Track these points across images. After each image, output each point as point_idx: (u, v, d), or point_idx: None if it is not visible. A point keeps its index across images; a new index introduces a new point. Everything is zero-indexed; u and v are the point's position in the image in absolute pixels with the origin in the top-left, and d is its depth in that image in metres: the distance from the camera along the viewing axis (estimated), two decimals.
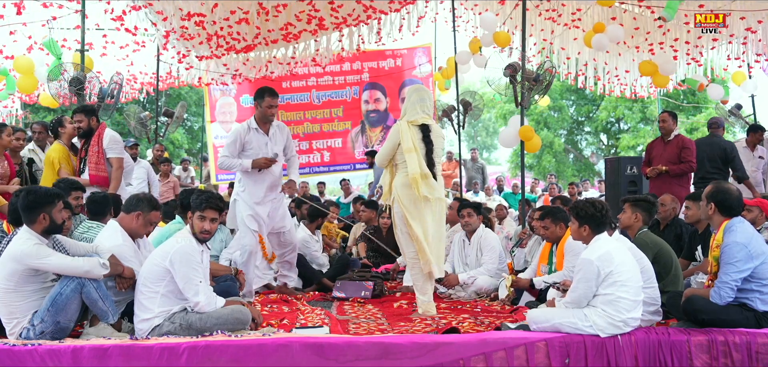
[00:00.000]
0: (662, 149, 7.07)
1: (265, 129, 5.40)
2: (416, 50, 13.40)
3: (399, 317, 4.75)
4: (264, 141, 5.38)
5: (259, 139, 5.37)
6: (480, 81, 20.14)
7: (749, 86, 10.08)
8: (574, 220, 3.77)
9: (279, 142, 5.51)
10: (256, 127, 5.37)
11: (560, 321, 3.56)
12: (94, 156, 5.76)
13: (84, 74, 7.59)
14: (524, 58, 7.29)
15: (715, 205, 3.80)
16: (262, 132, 5.39)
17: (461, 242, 6.03)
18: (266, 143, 5.38)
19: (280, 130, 5.56)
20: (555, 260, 4.96)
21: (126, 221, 4.11)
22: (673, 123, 7.09)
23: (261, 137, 5.38)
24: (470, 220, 5.88)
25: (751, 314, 3.63)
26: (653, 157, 7.12)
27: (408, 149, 4.68)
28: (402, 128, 4.80)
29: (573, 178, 20.86)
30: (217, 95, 13.60)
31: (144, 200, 4.16)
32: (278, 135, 5.51)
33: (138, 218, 4.10)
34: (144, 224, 4.14)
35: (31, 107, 13.50)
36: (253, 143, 5.34)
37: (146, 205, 4.13)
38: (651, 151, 7.24)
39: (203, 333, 3.67)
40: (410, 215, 4.69)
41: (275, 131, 5.47)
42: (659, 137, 7.27)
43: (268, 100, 5.30)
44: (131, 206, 4.13)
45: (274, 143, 5.43)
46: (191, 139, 23.33)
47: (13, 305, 3.62)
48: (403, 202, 4.70)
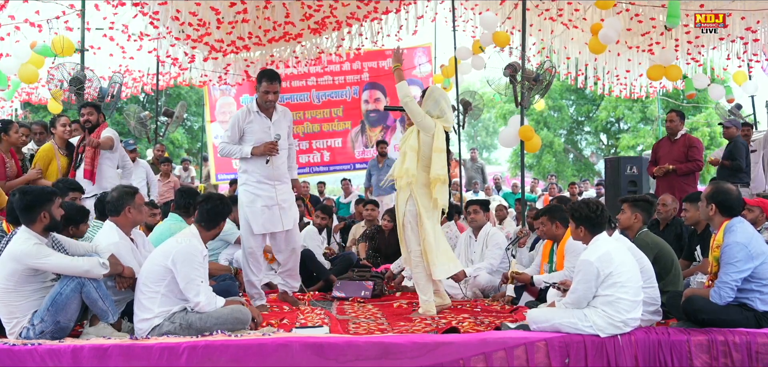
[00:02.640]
0: (669, 148, 7.06)
1: (267, 113, 4.96)
2: (416, 50, 13.40)
3: (399, 317, 4.75)
4: (266, 125, 4.92)
5: (261, 122, 4.92)
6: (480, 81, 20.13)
7: (749, 86, 10.09)
8: (571, 221, 3.80)
9: (282, 127, 5.04)
10: (257, 110, 4.93)
11: (560, 321, 3.56)
12: (90, 152, 5.86)
13: (84, 74, 7.60)
14: (524, 58, 7.29)
15: (715, 206, 3.80)
16: (264, 115, 4.94)
17: (468, 238, 6.07)
18: (269, 127, 4.92)
19: (284, 116, 5.10)
20: (555, 260, 4.96)
21: (120, 221, 4.10)
22: (680, 123, 7.10)
23: (263, 120, 4.93)
24: (476, 217, 5.90)
25: (751, 314, 3.63)
26: (660, 157, 7.11)
27: (439, 149, 4.63)
28: (438, 127, 4.68)
29: (573, 178, 20.85)
30: (217, 95, 13.60)
31: (122, 194, 4.12)
32: (282, 121, 5.06)
33: (129, 212, 4.08)
34: (138, 211, 4.12)
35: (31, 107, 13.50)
36: (254, 127, 4.90)
37: (127, 196, 4.10)
38: (657, 151, 7.24)
39: (203, 333, 3.67)
40: (426, 213, 4.70)
41: (279, 116, 5.02)
42: (666, 137, 7.26)
43: (264, 85, 4.85)
44: (117, 207, 4.09)
45: (278, 128, 4.97)
46: (191, 139, 23.33)
47: (13, 304, 3.62)
48: (421, 201, 4.70)
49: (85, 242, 4.16)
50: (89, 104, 6.18)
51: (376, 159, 10.20)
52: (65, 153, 6.05)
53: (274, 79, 4.88)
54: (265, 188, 4.92)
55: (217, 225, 4.03)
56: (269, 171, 4.91)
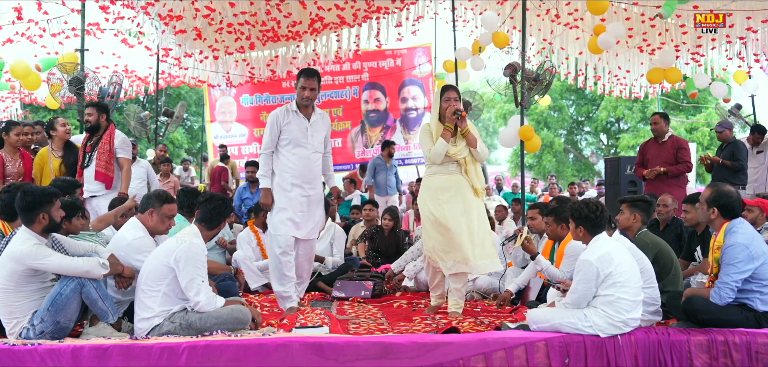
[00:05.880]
0: (658, 151, 7.04)
1: (306, 113, 4.82)
2: (416, 50, 13.41)
3: (399, 316, 4.75)
4: (304, 126, 4.79)
5: (299, 123, 4.79)
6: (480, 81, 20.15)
7: (749, 86, 10.09)
8: (571, 221, 3.80)
9: (320, 131, 4.91)
10: (296, 109, 4.80)
11: (560, 321, 3.56)
12: (105, 155, 5.87)
13: (84, 74, 7.60)
14: (524, 58, 7.29)
15: (717, 209, 3.80)
16: (303, 116, 4.81)
17: None
18: (306, 129, 4.79)
19: (322, 119, 4.95)
20: (556, 259, 4.96)
21: (143, 220, 4.13)
22: (665, 125, 7.10)
23: (301, 121, 4.79)
24: None
25: (751, 314, 3.63)
26: (648, 159, 7.09)
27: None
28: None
29: (573, 178, 20.87)
30: (217, 95, 13.61)
31: (153, 196, 4.16)
32: (320, 124, 4.92)
33: (151, 215, 4.10)
34: (160, 220, 4.11)
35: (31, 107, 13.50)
36: (292, 127, 4.76)
37: (155, 200, 4.12)
38: (645, 153, 7.20)
39: (203, 333, 3.67)
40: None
41: (317, 119, 4.90)
42: (652, 138, 7.25)
43: (302, 81, 4.75)
44: (144, 205, 4.15)
45: (315, 130, 4.84)
46: (191, 139, 23.35)
47: (12, 304, 3.62)
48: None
49: (85, 242, 4.16)
50: (93, 103, 6.18)
51: (382, 158, 10.00)
52: (60, 155, 6.04)
53: (311, 75, 4.78)
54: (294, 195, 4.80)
55: (218, 225, 4.06)
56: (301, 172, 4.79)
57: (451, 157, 4.64)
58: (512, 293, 5.19)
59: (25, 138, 6.04)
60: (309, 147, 4.82)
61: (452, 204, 4.59)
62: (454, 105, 4.62)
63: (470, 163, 4.68)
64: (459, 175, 4.68)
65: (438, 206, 4.60)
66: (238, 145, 13.73)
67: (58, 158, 6.01)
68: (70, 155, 6.07)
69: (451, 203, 4.59)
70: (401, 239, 7.08)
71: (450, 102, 4.62)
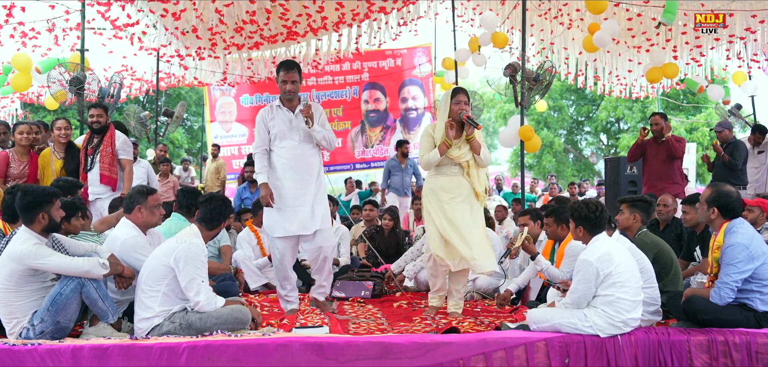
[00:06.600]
0: (656, 150, 7.16)
1: (290, 106, 4.74)
2: (416, 50, 13.42)
3: (399, 316, 4.75)
4: (288, 118, 4.70)
5: (284, 116, 4.71)
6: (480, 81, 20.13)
7: (749, 86, 10.09)
8: (571, 221, 3.81)
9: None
10: (279, 104, 4.76)
11: (560, 321, 3.56)
12: (107, 157, 5.92)
13: (84, 74, 7.60)
14: (524, 58, 7.29)
15: (717, 209, 3.80)
16: (287, 109, 4.73)
17: None
18: (291, 120, 4.69)
19: (314, 109, 4.76)
20: (556, 259, 4.96)
21: (133, 219, 4.13)
22: (665, 125, 7.17)
23: (285, 114, 4.72)
24: None
25: (751, 314, 3.63)
26: (648, 158, 7.23)
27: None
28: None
29: (573, 178, 20.86)
30: (217, 95, 13.62)
31: (135, 193, 4.15)
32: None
33: (140, 211, 4.10)
34: (149, 212, 4.12)
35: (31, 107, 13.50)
36: (277, 122, 4.70)
37: (139, 196, 4.12)
38: (645, 152, 7.32)
39: (203, 333, 3.67)
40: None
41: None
42: (652, 138, 7.32)
43: (281, 75, 4.68)
44: (129, 205, 4.14)
45: (300, 120, 4.68)
46: (191, 139, 23.36)
47: (12, 304, 3.62)
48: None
49: (85, 242, 4.16)
50: (98, 105, 6.21)
51: (396, 159, 9.72)
52: (61, 156, 6.04)
53: (291, 68, 4.70)
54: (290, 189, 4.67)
55: (218, 225, 4.05)
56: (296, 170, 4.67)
57: (455, 159, 4.68)
58: (512, 292, 5.20)
59: (30, 137, 6.04)
60: (296, 138, 4.71)
61: (454, 204, 4.64)
62: (464, 108, 4.64)
63: (473, 167, 4.72)
64: (461, 177, 4.72)
65: (441, 206, 4.65)
66: (238, 145, 13.73)
67: (60, 160, 6.00)
68: (72, 160, 6.03)
69: (453, 204, 4.63)
70: (401, 239, 7.08)
71: (460, 105, 4.64)
